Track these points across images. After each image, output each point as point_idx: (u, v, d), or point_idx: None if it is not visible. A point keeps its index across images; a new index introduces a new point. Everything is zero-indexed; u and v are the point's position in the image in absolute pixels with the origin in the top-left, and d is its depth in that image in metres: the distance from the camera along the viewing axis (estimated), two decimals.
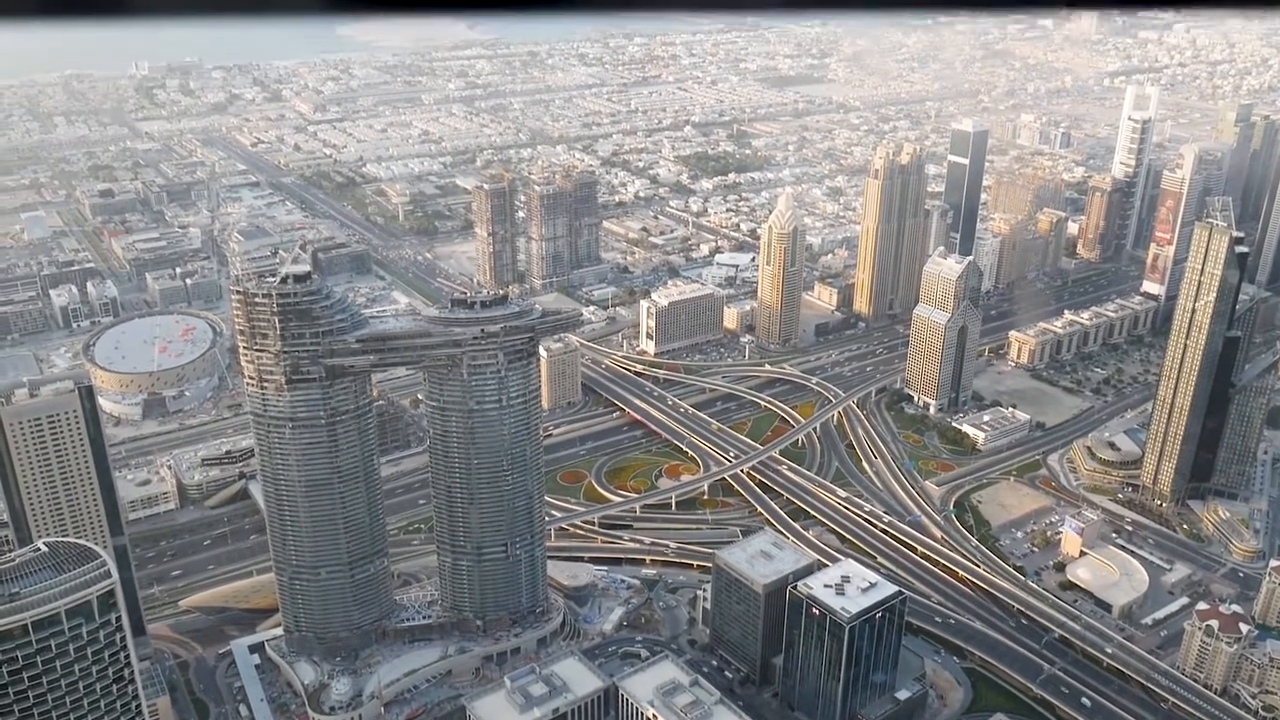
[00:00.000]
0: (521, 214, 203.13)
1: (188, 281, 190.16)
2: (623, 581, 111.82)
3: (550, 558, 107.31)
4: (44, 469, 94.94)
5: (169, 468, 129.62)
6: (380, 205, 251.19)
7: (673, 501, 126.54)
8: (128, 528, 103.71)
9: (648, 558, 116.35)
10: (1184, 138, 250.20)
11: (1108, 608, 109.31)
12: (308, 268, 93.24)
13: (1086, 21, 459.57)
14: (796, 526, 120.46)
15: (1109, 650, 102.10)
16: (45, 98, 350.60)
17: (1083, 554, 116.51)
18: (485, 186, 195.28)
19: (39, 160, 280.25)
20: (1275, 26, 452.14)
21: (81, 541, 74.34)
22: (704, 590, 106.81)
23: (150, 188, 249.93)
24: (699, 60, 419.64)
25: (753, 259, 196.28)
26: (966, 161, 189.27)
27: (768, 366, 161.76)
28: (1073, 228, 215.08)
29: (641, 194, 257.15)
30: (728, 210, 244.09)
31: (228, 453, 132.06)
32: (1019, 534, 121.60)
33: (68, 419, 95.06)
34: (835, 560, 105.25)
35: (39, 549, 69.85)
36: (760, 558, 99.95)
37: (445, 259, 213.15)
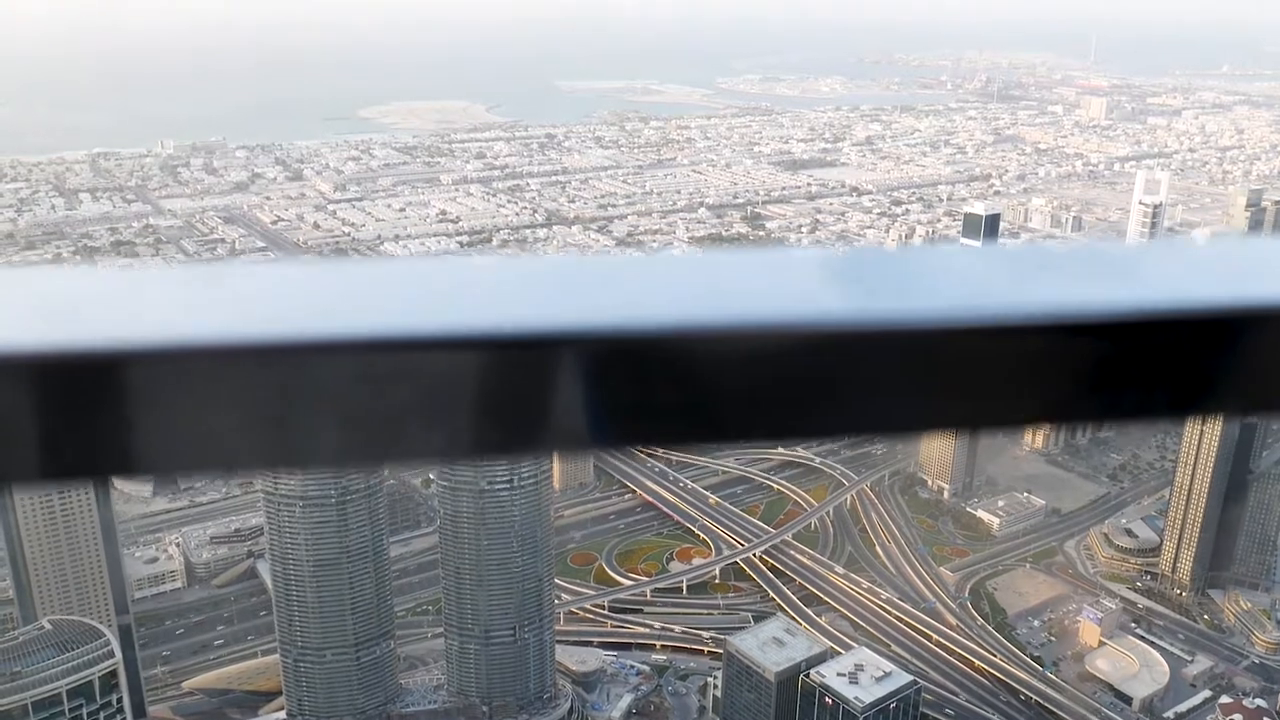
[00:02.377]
0: None
1: None
2: (632, 667, 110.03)
3: (559, 642, 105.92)
4: (52, 546, 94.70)
5: (177, 545, 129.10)
6: None
7: (684, 585, 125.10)
8: (134, 606, 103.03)
9: (658, 643, 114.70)
10: (1195, 222, 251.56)
11: (1128, 700, 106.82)
12: None
13: (1096, 107, 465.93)
14: (809, 612, 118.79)
15: None
16: (72, 174, 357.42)
17: (1101, 644, 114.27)
18: None
19: (63, 236, 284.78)
20: None
21: (86, 620, 73.87)
22: (715, 677, 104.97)
23: (171, 264, 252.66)
24: (713, 143, 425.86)
25: None
26: (979, 244, 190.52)
27: (780, 449, 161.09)
28: None
29: None
30: None
31: (236, 531, 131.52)
32: (1036, 622, 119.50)
33: (78, 496, 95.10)
34: (849, 648, 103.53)
35: (43, 627, 69.42)
36: (772, 644, 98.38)
37: None
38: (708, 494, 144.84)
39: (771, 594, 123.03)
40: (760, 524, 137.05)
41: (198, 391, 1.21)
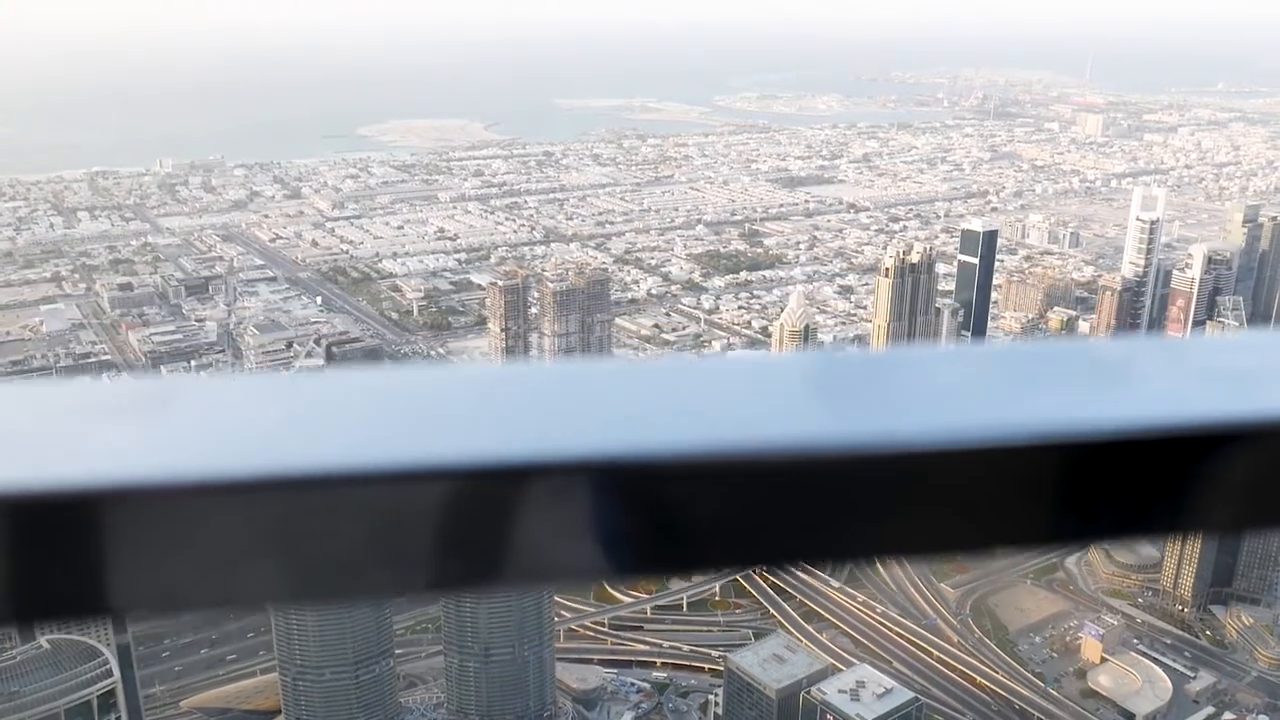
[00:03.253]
0: (534, 310, 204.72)
1: (202, 375, 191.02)
2: (632, 685, 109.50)
3: (559, 659, 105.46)
4: None
5: None
6: (395, 300, 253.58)
7: (684, 602, 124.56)
8: (131, 626, 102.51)
9: (658, 660, 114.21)
10: (1192, 238, 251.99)
11: (1131, 716, 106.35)
12: (321, 362, 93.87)
13: (1092, 124, 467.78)
14: (810, 629, 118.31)
15: None
16: (70, 193, 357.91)
17: (1104, 660, 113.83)
18: (499, 283, 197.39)
19: (60, 254, 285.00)
20: None
21: (84, 639, 73.47)
22: (715, 695, 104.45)
23: (169, 282, 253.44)
24: (711, 161, 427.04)
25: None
26: (976, 260, 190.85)
27: None
28: (1084, 326, 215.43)
29: (654, 291, 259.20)
30: (739, 308, 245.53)
31: None
32: (1037, 639, 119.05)
33: None
34: (850, 665, 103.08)
35: (41, 646, 69.04)
36: (773, 661, 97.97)
37: (458, 354, 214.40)
38: None
39: (772, 611, 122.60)
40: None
41: (152, 533, 1.18)
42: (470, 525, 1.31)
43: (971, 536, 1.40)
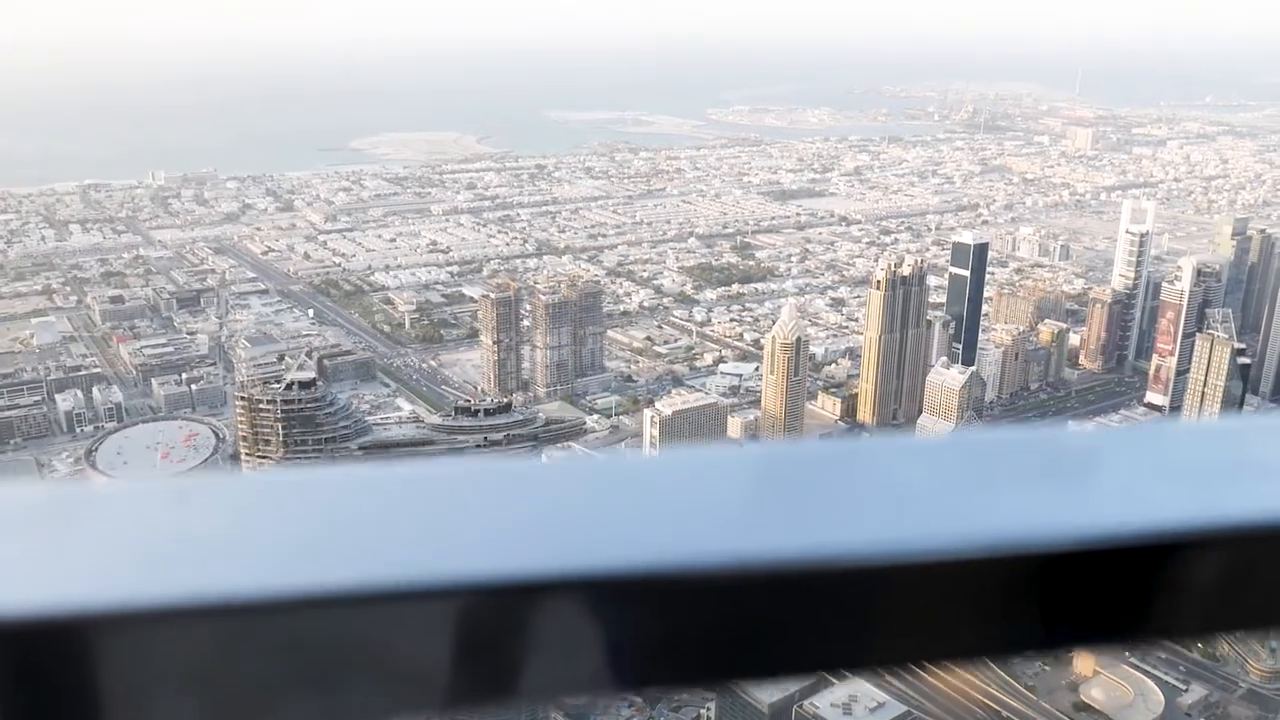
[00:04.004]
0: (527, 323, 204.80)
1: (193, 387, 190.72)
2: (624, 698, 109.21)
3: None
4: None
5: None
6: (387, 313, 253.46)
7: None
8: None
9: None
10: (1182, 250, 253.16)
11: None
12: (313, 374, 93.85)
13: (1082, 138, 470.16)
14: None
15: None
16: (62, 206, 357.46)
17: (1096, 673, 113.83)
18: (491, 295, 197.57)
19: (52, 267, 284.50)
20: (1269, 143, 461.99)
21: None
22: (708, 709, 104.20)
23: (160, 294, 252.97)
24: (703, 174, 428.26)
25: (756, 369, 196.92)
26: (967, 273, 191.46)
27: None
28: (1074, 339, 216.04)
29: (646, 304, 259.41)
30: (731, 320, 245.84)
31: None
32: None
33: None
34: (842, 678, 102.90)
35: None
36: None
37: (450, 366, 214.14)
38: None
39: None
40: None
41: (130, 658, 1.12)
42: (467, 645, 1.26)
43: (924, 650, 1.38)
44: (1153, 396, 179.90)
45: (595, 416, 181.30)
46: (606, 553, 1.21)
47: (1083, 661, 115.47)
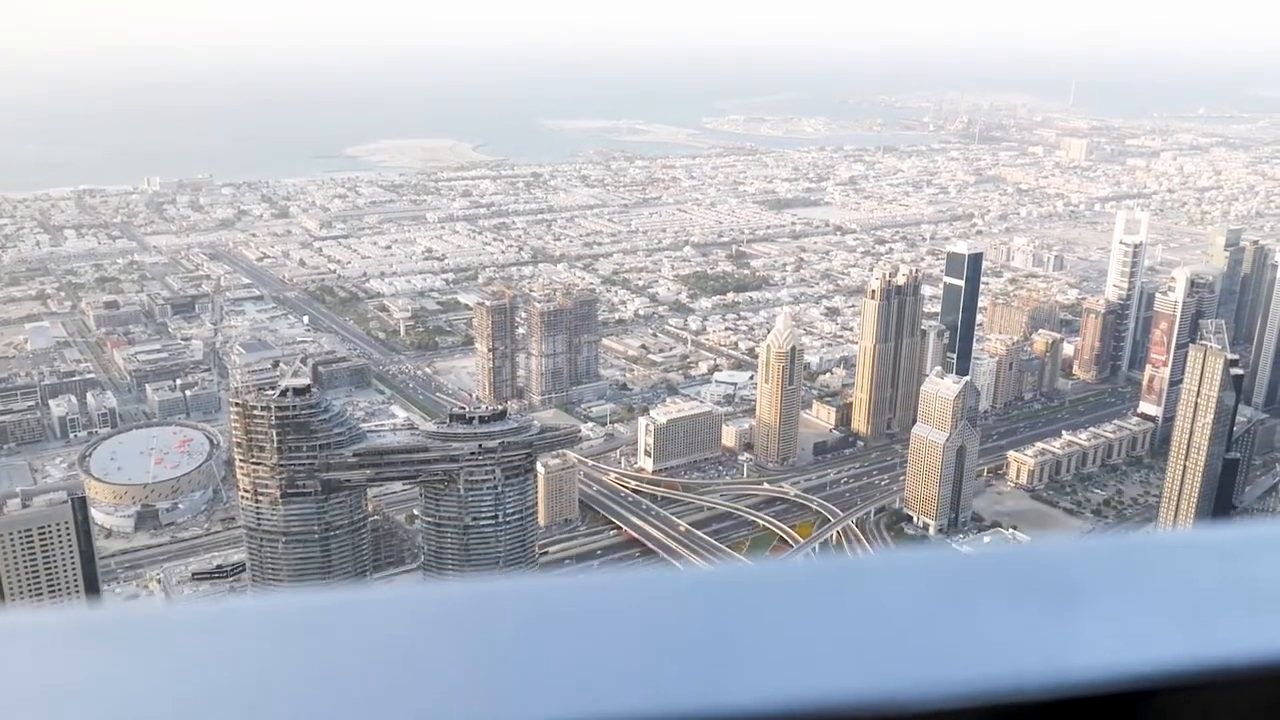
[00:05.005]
0: (522, 330, 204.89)
1: (187, 393, 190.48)
2: None
3: None
4: (32, 582, 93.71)
5: (159, 582, 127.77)
6: (382, 320, 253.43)
7: None
8: None
9: None
10: (1175, 261, 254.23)
11: None
12: (307, 381, 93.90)
13: (1076, 149, 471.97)
14: None
15: None
16: (57, 211, 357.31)
17: None
18: (486, 303, 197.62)
19: (46, 272, 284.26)
20: (1262, 155, 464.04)
21: None
22: None
23: (155, 300, 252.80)
24: (698, 183, 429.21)
25: (751, 377, 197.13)
26: (962, 283, 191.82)
27: (766, 485, 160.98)
28: (1068, 349, 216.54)
29: (641, 312, 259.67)
30: (726, 329, 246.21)
31: (219, 567, 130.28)
32: None
33: (58, 530, 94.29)
34: None
35: None
36: None
37: (445, 374, 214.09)
38: (691, 529, 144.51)
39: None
40: (746, 561, 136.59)
41: None
42: None
43: None
44: (1146, 407, 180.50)
45: (590, 424, 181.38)
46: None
47: None
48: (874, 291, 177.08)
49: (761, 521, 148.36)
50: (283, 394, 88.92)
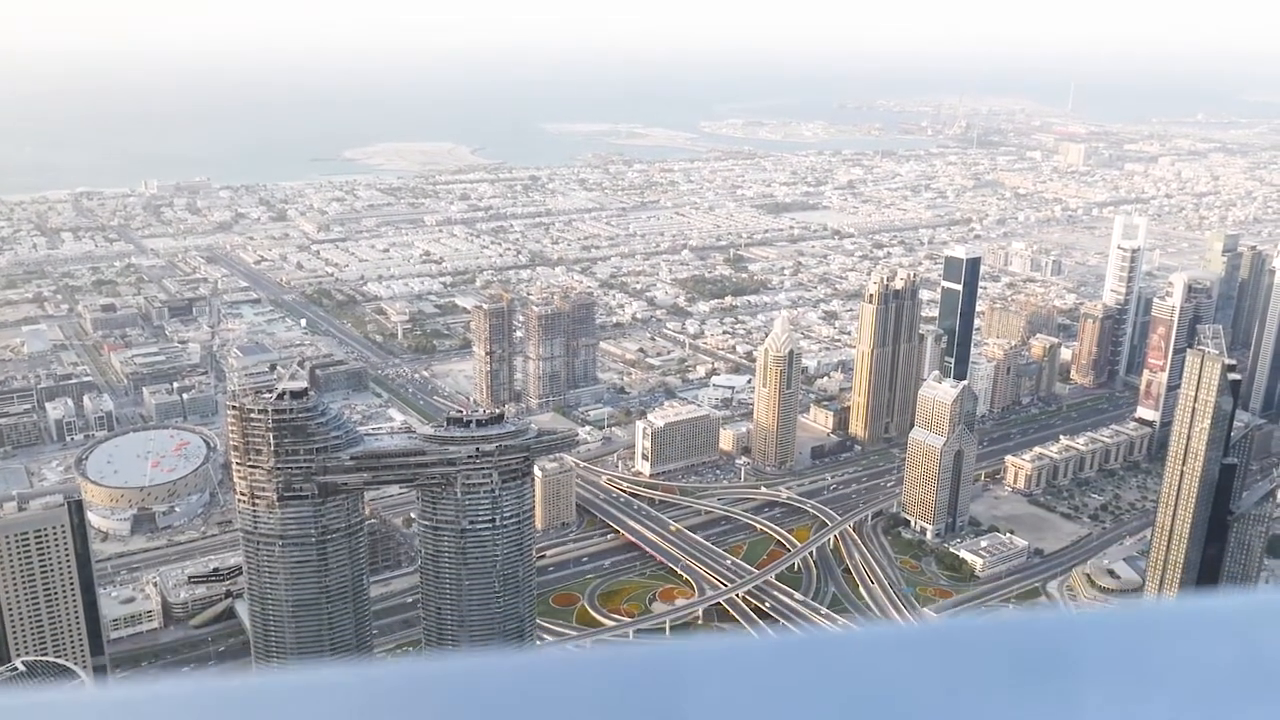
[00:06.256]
0: (519, 334, 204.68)
1: (184, 396, 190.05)
2: None
3: None
4: (28, 585, 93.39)
5: (155, 585, 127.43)
6: (379, 323, 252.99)
7: (667, 626, 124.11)
8: (109, 646, 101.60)
9: None
10: (1173, 266, 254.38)
11: None
12: (305, 384, 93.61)
13: (1074, 154, 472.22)
14: None
15: None
16: (54, 214, 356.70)
17: None
18: (484, 306, 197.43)
19: (43, 275, 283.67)
20: (1260, 160, 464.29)
21: (60, 661, 72.76)
22: None
23: (152, 303, 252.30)
24: (697, 186, 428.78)
25: (749, 381, 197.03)
26: (960, 287, 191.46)
27: (763, 489, 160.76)
28: (1066, 353, 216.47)
29: (639, 316, 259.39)
30: (724, 333, 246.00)
31: (215, 570, 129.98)
32: None
33: (55, 534, 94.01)
34: None
35: (16, 668, 68.28)
36: None
37: (442, 377, 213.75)
38: (690, 533, 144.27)
39: (754, 633, 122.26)
40: (743, 564, 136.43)
41: None
42: None
43: None
44: (1143, 411, 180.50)
45: (587, 428, 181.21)
46: None
47: None
48: (872, 295, 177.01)
49: (759, 525, 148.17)
50: (280, 397, 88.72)
